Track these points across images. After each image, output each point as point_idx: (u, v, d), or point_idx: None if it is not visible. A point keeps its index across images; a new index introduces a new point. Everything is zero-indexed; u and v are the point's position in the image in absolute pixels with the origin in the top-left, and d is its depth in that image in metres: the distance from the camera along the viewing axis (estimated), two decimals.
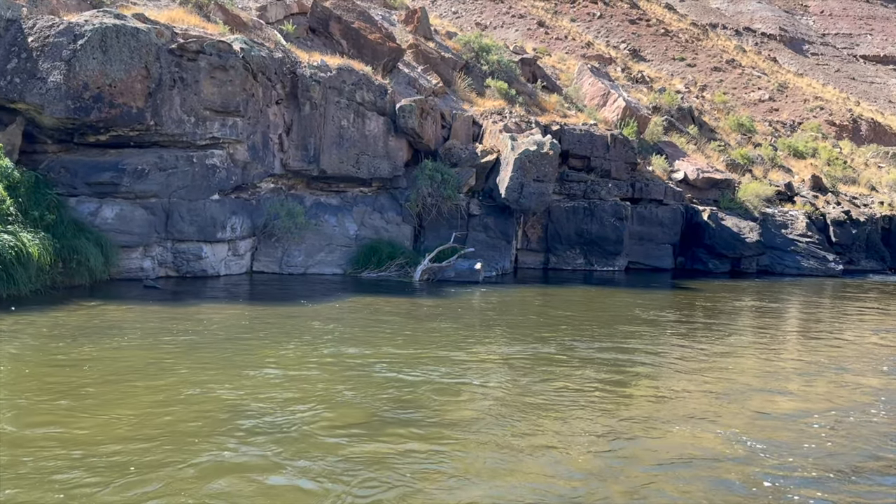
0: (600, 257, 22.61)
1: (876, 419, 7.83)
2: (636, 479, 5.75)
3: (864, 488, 5.93)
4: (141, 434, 6.12)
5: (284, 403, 7.14)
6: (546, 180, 20.29)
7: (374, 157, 19.34)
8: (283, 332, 10.64)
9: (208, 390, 7.47)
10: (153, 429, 6.26)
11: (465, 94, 24.40)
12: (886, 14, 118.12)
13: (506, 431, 6.67)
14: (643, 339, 11.56)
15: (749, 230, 24.86)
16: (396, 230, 19.56)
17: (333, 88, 18.56)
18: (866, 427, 7.56)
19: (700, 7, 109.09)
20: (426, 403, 7.40)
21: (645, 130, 27.84)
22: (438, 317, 12.82)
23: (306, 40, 21.45)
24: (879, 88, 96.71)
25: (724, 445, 6.64)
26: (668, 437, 6.77)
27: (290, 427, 6.47)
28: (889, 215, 30.93)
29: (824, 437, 7.15)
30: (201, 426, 6.37)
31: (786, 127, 52.29)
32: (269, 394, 7.45)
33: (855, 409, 8.22)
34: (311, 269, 18.14)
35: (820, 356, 11.10)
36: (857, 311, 16.46)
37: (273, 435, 6.26)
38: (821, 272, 25.19)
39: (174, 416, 6.64)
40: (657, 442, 6.62)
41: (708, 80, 67.35)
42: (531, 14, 68.71)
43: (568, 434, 6.68)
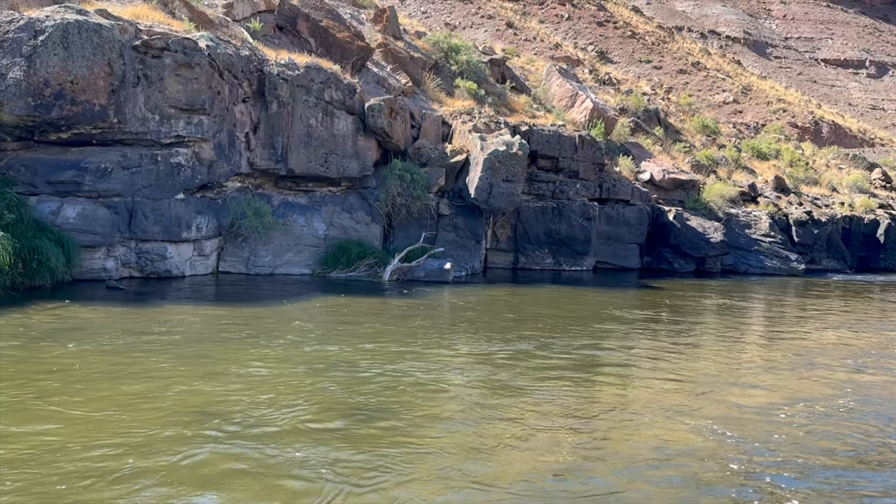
0: (569, 257, 22.77)
1: (842, 410, 8.07)
2: (612, 474, 5.79)
3: (834, 473, 6.19)
4: (104, 441, 5.99)
5: (252, 406, 7.05)
6: (515, 180, 20.36)
7: (343, 157, 19.23)
8: (250, 334, 10.51)
9: (177, 393, 7.34)
10: (112, 435, 6.13)
11: (434, 94, 24.38)
12: (846, 19, 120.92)
13: (481, 430, 6.67)
14: (614, 338, 11.67)
15: (713, 230, 25.24)
16: (366, 230, 19.47)
17: (301, 87, 18.41)
18: (834, 416, 7.83)
19: (666, 10, 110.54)
20: (397, 403, 7.36)
21: (612, 131, 28.11)
22: (409, 317, 12.79)
23: (273, 38, 21.24)
24: (840, 91, 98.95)
25: (697, 436, 6.76)
26: (643, 430, 6.84)
27: (258, 430, 6.38)
28: (849, 216, 31.66)
29: (796, 426, 7.40)
30: (174, 429, 6.26)
31: (749, 129, 53.24)
32: (237, 396, 7.35)
33: (823, 400, 8.51)
34: (278, 269, 17.97)
35: (786, 352, 11.32)
36: (820, 310, 16.81)
37: (242, 438, 6.17)
38: (783, 271, 25.68)
39: (142, 420, 6.51)
40: (632, 435, 6.68)
41: (674, 83, 68.28)
42: (500, 15, 68.98)
43: (544, 430, 6.70)
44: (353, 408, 7.16)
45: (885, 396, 8.73)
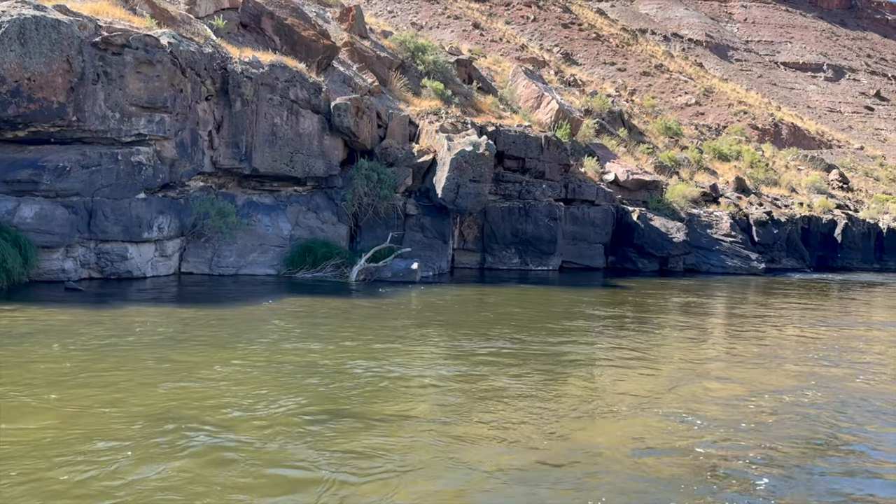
0: (535, 257, 22.92)
1: (806, 399, 8.29)
2: (585, 469, 5.82)
3: (800, 458, 6.41)
4: (62, 448, 5.84)
5: (216, 409, 6.94)
6: (482, 181, 20.42)
7: (309, 156, 19.07)
8: (213, 335, 10.36)
9: (139, 397, 7.20)
10: (74, 438, 5.98)
11: (401, 94, 24.33)
12: (805, 23, 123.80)
13: (451, 429, 6.66)
14: (582, 335, 11.75)
15: (676, 230, 25.62)
16: (332, 230, 19.34)
17: (266, 85, 18.21)
18: (800, 406, 8.11)
19: (630, 13, 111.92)
20: (365, 403, 7.31)
21: (577, 132, 28.37)
22: (377, 317, 12.73)
23: (237, 36, 20.98)
24: (799, 94, 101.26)
25: (667, 426, 6.83)
26: (614, 423, 6.89)
27: (224, 433, 6.29)
28: (808, 216, 32.42)
29: (765, 414, 7.63)
30: (135, 433, 6.13)
31: (711, 130, 54.17)
32: (202, 400, 7.23)
33: (789, 392, 8.79)
34: (242, 269, 17.75)
35: (751, 347, 11.52)
36: (781, 307, 17.15)
37: (208, 442, 6.07)
38: (744, 270, 26.18)
39: (99, 423, 6.37)
40: (603, 428, 6.73)
41: (637, 85, 69.18)
42: (466, 16, 69.15)
43: (515, 426, 6.71)
44: (321, 409, 7.09)
45: (848, 388, 8.95)
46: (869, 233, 33.82)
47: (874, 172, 58.53)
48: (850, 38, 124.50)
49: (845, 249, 32.65)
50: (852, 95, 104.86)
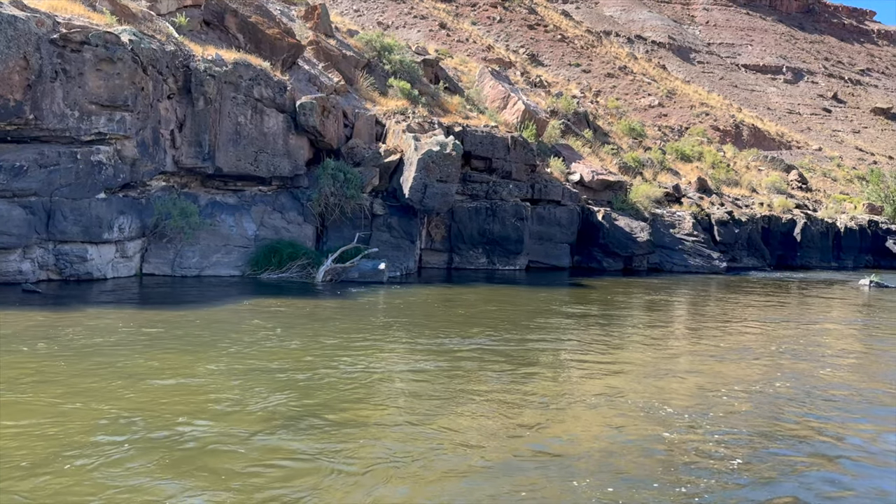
0: (502, 256, 23.00)
1: (772, 390, 8.52)
2: (559, 459, 5.85)
3: (770, 440, 6.82)
4: (14, 454, 5.69)
5: (178, 413, 6.83)
6: (449, 181, 20.42)
7: (274, 156, 18.88)
8: (176, 338, 10.19)
9: (96, 401, 7.05)
10: (32, 445, 5.84)
11: (367, 94, 24.22)
12: (765, 26, 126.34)
13: (418, 430, 6.64)
14: (550, 333, 11.82)
15: (640, 230, 25.94)
16: (298, 230, 19.17)
17: (229, 83, 17.98)
18: (768, 396, 8.52)
19: (594, 14, 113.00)
20: (330, 406, 7.26)
21: (543, 133, 28.54)
22: (344, 317, 12.65)
23: (200, 34, 20.67)
24: (759, 96, 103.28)
25: (639, 415, 6.91)
26: (586, 414, 6.94)
27: (186, 437, 6.19)
28: (768, 215, 33.07)
29: (736, 404, 8.00)
30: (90, 437, 6.00)
31: (674, 131, 54.97)
32: (161, 403, 7.11)
33: (756, 383, 9.19)
34: (206, 270, 17.50)
35: (715, 342, 11.72)
36: (743, 305, 17.47)
37: (170, 446, 5.96)
38: (706, 269, 26.61)
39: (58, 428, 6.22)
40: (575, 419, 6.78)
41: (602, 86, 69.89)
42: (433, 15, 69.15)
43: (484, 422, 6.72)
44: (284, 413, 7.02)
45: (813, 380, 9.18)
46: (827, 232, 34.63)
47: (832, 173, 59.98)
48: (809, 41, 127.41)
49: (804, 248, 33.38)
50: (811, 97, 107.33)
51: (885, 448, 6.87)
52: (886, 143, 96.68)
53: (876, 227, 37.22)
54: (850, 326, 15.19)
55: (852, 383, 9.45)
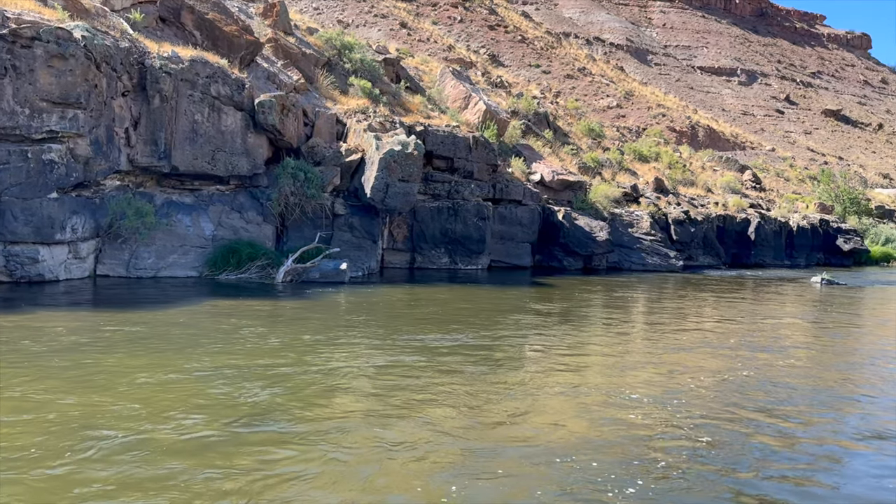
0: (464, 256, 23.05)
1: (732, 378, 8.64)
2: (529, 450, 5.88)
3: (735, 423, 7.18)
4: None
5: (134, 416, 6.68)
6: (411, 180, 20.38)
7: (232, 154, 18.60)
8: (129, 341, 9.97)
9: (47, 406, 6.85)
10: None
11: (327, 92, 24.03)
12: (720, 29, 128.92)
13: (377, 432, 6.60)
14: (512, 331, 11.87)
15: (599, 229, 26.26)
16: (257, 230, 18.92)
17: (186, 81, 17.67)
18: (732, 382, 8.98)
19: (554, 16, 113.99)
20: (288, 409, 7.17)
21: (504, 133, 28.70)
22: (304, 318, 12.52)
23: (156, 30, 20.26)
24: (714, 97, 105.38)
25: (609, 401, 7.00)
26: (558, 401, 6.99)
27: (139, 443, 6.05)
28: (723, 215, 33.77)
29: (702, 390, 8.27)
30: (41, 442, 5.82)
31: (631, 132, 55.77)
32: (116, 408, 6.94)
33: (720, 371, 9.66)
34: (162, 271, 17.16)
35: (676, 336, 11.90)
36: (700, 301, 17.80)
37: (125, 451, 5.82)
38: (664, 268, 27.06)
39: (9, 432, 6.02)
40: (548, 408, 6.81)
41: (562, 87, 70.55)
42: (394, 14, 68.96)
43: (449, 419, 6.71)
44: (242, 413, 6.92)
45: (772, 370, 9.42)
46: (780, 231, 35.50)
47: (785, 173, 61.53)
48: (762, 44, 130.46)
49: (758, 247, 34.16)
50: (764, 99, 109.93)
51: (843, 429, 7.35)
52: (836, 144, 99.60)
53: (827, 225, 38.29)
54: (803, 321, 15.61)
55: (809, 372, 9.96)
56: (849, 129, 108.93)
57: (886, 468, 6.20)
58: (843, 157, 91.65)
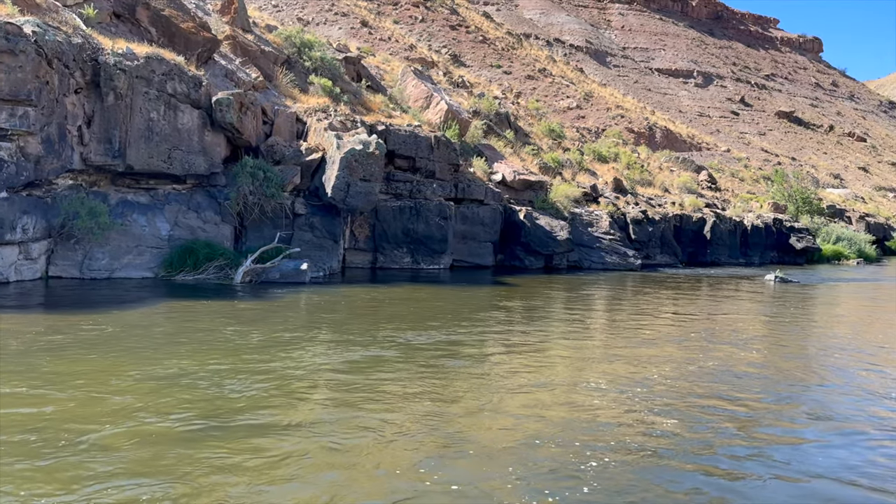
0: (427, 256, 23.03)
1: (694, 368, 8.77)
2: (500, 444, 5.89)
3: (699, 408, 7.54)
4: None
5: (89, 419, 6.52)
6: (373, 180, 20.29)
7: (189, 153, 18.29)
8: (82, 344, 9.73)
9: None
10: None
11: (287, 90, 23.79)
12: (677, 31, 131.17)
13: (337, 434, 6.55)
14: (474, 330, 11.88)
15: (560, 229, 26.49)
16: (215, 230, 18.63)
17: (141, 78, 17.31)
18: (694, 373, 9.33)
19: (515, 17, 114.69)
20: (251, 410, 7.07)
21: (466, 133, 28.76)
22: (263, 319, 12.37)
23: (110, 26, 19.82)
24: (671, 99, 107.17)
25: (575, 392, 7.03)
26: (524, 395, 7.02)
27: (91, 445, 5.91)
28: (680, 214, 34.36)
29: (665, 380, 8.43)
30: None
31: (591, 133, 56.43)
32: (66, 412, 6.77)
33: (683, 363, 10.04)
34: (117, 272, 16.80)
35: (637, 331, 12.07)
36: (659, 298, 18.07)
37: (82, 455, 5.68)
38: (622, 266, 27.42)
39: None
40: (514, 401, 6.83)
41: (522, 87, 71.01)
42: (354, 13, 68.60)
43: (408, 423, 6.69)
44: (197, 419, 6.80)
45: (732, 361, 9.61)
46: (735, 230, 36.25)
47: (739, 173, 62.90)
48: (718, 46, 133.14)
49: (714, 245, 34.83)
50: (720, 101, 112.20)
51: (799, 412, 7.84)
52: (790, 145, 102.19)
53: (780, 224, 39.22)
54: (759, 316, 15.97)
55: (767, 363, 10.47)
56: (801, 131, 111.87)
57: (837, 447, 6.71)
58: (796, 158, 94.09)
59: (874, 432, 7.12)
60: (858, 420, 7.53)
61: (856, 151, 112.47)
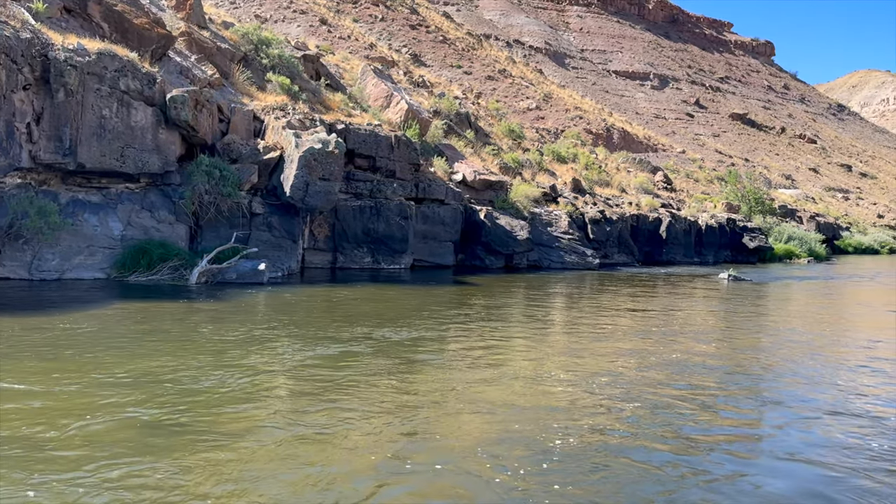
0: (387, 256, 22.95)
1: (654, 360, 8.92)
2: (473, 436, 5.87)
3: (657, 395, 7.75)
4: None
5: (34, 422, 6.32)
6: (332, 179, 20.13)
7: (142, 151, 17.90)
8: (29, 346, 9.44)
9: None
10: None
11: (244, 88, 23.46)
12: (634, 34, 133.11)
13: (292, 436, 6.46)
14: (438, 327, 11.86)
15: (520, 228, 26.66)
16: (169, 230, 18.27)
17: (93, 74, 16.88)
18: (655, 364, 9.44)
19: (475, 18, 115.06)
20: (207, 414, 6.94)
21: (427, 133, 28.75)
22: (218, 320, 12.16)
23: (60, 21, 19.28)
24: (628, 101, 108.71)
25: (536, 384, 7.05)
26: (492, 389, 7.02)
27: (44, 449, 5.73)
28: (636, 214, 34.87)
29: (626, 371, 8.18)
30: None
31: (550, 134, 56.91)
32: (13, 418, 6.55)
33: (644, 354, 10.27)
34: (67, 273, 16.35)
35: (598, 327, 12.20)
36: (618, 296, 18.30)
37: (28, 459, 5.49)
38: (581, 266, 27.72)
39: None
40: (481, 394, 6.83)
41: (483, 88, 71.27)
42: (313, 11, 68.01)
43: (367, 423, 6.63)
44: (154, 422, 6.65)
45: (690, 353, 9.76)
46: (690, 229, 36.95)
47: (694, 174, 64.13)
48: (674, 49, 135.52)
49: (669, 245, 35.45)
50: (675, 103, 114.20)
51: (753, 398, 8.27)
52: (743, 147, 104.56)
53: (734, 224, 40.10)
54: (714, 312, 16.31)
55: (723, 354, 10.96)
56: (754, 133, 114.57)
57: (788, 428, 7.18)
58: (749, 159, 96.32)
59: (821, 415, 7.62)
60: (807, 404, 8.03)
61: (806, 153, 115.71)
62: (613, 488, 5.40)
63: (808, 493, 5.43)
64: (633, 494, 5.28)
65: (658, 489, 5.40)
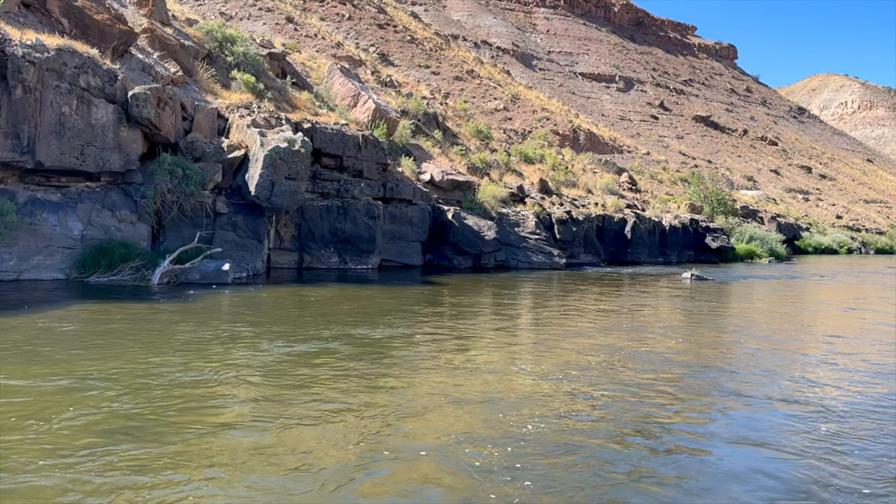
0: (354, 256, 22.83)
1: (623, 355, 8.97)
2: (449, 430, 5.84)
3: (624, 386, 7.76)
4: None
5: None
6: (298, 178, 19.96)
7: (103, 149, 17.54)
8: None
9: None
10: None
11: (208, 86, 23.15)
12: (600, 37, 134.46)
13: (274, 427, 6.39)
14: (405, 327, 11.82)
15: (487, 229, 26.74)
16: (131, 230, 17.94)
17: (52, 71, 16.51)
18: (621, 360, 9.46)
19: (443, 18, 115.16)
20: (168, 417, 6.82)
21: (394, 133, 28.67)
22: (181, 321, 11.96)
23: (18, 16, 18.82)
24: (594, 103, 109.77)
25: (507, 378, 7.06)
26: (470, 380, 7.00)
27: (7, 454, 5.57)
28: (602, 215, 35.22)
29: (595, 365, 8.12)
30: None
31: (518, 134, 57.21)
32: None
33: (612, 350, 10.44)
34: (25, 273, 15.96)
35: (566, 324, 12.28)
36: (585, 295, 18.45)
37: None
38: (548, 265, 27.91)
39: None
40: (459, 388, 6.80)
41: (451, 88, 71.36)
42: (279, 9, 67.42)
43: (333, 425, 6.57)
44: (114, 426, 6.51)
45: (656, 350, 9.88)
46: (654, 230, 37.43)
47: (658, 175, 64.98)
48: (639, 52, 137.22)
49: (634, 245, 35.87)
50: (640, 105, 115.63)
51: (717, 390, 8.57)
52: (706, 148, 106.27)
53: (696, 224, 40.72)
54: (677, 310, 16.55)
55: (686, 349, 11.28)
56: (717, 135, 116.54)
57: (746, 416, 7.58)
58: (712, 161, 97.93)
59: (777, 404, 8.02)
60: (765, 394, 8.41)
61: (768, 155, 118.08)
62: (583, 464, 5.82)
63: (759, 470, 5.92)
64: (601, 469, 5.76)
65: (624, 467, 5.81)
